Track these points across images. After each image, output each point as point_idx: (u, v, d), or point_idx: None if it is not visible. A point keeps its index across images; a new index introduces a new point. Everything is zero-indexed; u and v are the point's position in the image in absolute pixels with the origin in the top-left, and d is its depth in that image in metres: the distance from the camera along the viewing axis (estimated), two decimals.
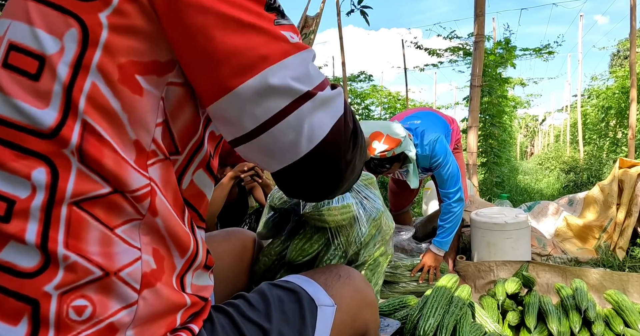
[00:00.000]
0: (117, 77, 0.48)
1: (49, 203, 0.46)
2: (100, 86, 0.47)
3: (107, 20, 0.47)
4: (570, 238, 2.82)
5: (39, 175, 0.46)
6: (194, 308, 0.57)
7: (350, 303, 0.74)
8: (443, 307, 1.50)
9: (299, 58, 0.52)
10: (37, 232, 0.45)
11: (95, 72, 0.47)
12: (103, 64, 0.47)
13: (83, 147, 0.46)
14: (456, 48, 6.74)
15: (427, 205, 3.66)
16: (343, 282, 0.75)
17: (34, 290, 0.45)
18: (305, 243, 0.97)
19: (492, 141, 5.33)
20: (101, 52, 0.47)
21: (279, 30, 0.51)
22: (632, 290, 1.89)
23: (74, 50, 0.47)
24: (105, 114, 0.48)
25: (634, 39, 4.33)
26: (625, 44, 9.12)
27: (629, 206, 2.52)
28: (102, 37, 0.47)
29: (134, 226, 0.50)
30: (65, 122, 0.46)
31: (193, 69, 0.51)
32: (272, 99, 0.50)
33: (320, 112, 0.53)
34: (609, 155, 7.56)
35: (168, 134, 0.54)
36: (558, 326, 1.55)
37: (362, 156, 0.63)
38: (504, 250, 2.30)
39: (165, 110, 0.52)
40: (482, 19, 3.94)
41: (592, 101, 9.67)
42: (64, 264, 0.46)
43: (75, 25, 0.47)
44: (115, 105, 0.48)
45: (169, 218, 0.52)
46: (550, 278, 2.06)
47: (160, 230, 0.52)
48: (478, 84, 4.01)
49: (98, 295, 0.47)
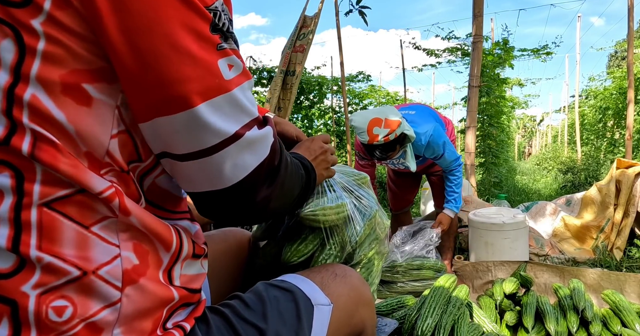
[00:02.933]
0: (60, 88, 0.45)
1: (17, 206, 0.45)
2: (41, 98, 0.45)
3: (42, 28, 0.44)
4: (567, 238, 2.82)
5: (3, 179, 0.45)
6: (182, 300, 0.56)
7: (347, 301, 0.73)
8: (441, 307, 1.50)
9: (231, 97, 0.52)
10: (8, 236, 0.44)
11: (34, 83, 0.44)
12: (43, 74, 0.45)
13: (35, 155, 0.45)
14: (454, 48, 6.75)
15: (425, 205, 3.66)
16: (339, 281, 0.75)
17: (11, 290, 0.45)
18: (300, 244, 0.97)
19: (490, 141, 5.33)
20: (40, 61, 0.44)
21: (217, 62, 0.50)
22: (630, 290, 1.89)
23: (11, 61, 0.44)
24: (51, 124, 0.45)
25: (632, 40, 4.34)
26: (622, 45, 9.14)
27: (627, 207, 2.52)
28: (39, 46, 0.44)
29: (110, 223, 0.49)
30: (15, 132, 0.44)
31: (125, 84, 0.48)
32: (201, 135, 0.51)
33: (246, 154, 0.54)
34: (607, 155, 7.58)
35: (131, 143, 0.52)
36: (556, 326, 1.55)
37: (284, 190, 0.65)
38: (501, 250, 2.30)
39: (123, 119, 0.50)
40: (480, 20, 3.94)
41: (590, 101, 9.70)
42: (40, 265, 0.45)
43: (10, 35, 0.44)
44: (59, 117, 0.45)
45: (142, 215, 0.51)
46: (548, 278, 2.06)
47: (137, 227, 0.51)
48: (476, 84, 4.02)
49: (78, 295, 0.46)
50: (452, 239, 2.57)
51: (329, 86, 8.07)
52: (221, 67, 0.50)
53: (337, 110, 8.64)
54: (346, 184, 1.02)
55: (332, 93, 8.45)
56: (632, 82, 4.37)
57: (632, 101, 4.44)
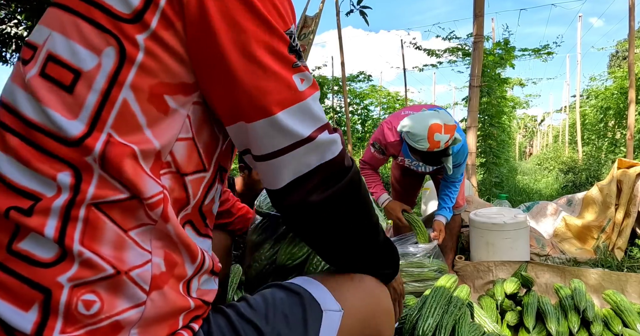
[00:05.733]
0: (147, 96, 0.52)
1: (70, 203, 0.49)
2: (130, 102, 0.51)
3: (144, 43, 0.51)
4: (568, 238, 2.82)
5: (64, 178, 0.49)
6: (196, 311, 0.58)
7: (361, 309, 0.69)
8: (442, 307, 1.50)
9: (305, 105, 0.58)
10: (56, 228, 0.48)
11: (128, 89, 0.51)
12: (136, 83, 0.51)
13: (105, 156, 0.49)
14: (455, 49, 6.75)
15: (426, 205, 3.66)
16: (355, 286, 0.71)
17: (48, 279, 0.48)
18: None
19: (491, 141, 5.33)
20: (136, 71, 0.51)
21: (292, 77, 0.57)
22: (631, 290, 1.89)
23: (110, 67, 0.50)
24: (130, 127, 0.51)
25: (633, 39, 4.34)
26: (624, 45, 9.13)
27: (628, 207, 2.52)
28: (138, 58, 0.51)
29: (146, 231, 0.53)
30: (91, 134, 0.50)
31: (213, 95, 0.56)
32: (277, 138, 0.57)
33: (312, 155, 0.59)
34: (608, 155, 7.57)
35: (195, 151, 0.58)
36: (557, 327, 1.55)
37: (344, 201, 0.64)
38: (502, 250, 2.30)
39: (191, 127, 0.57)
40: (481, 20, 3.94)
41: (591, 101, 9.68)
42: (79, 260, 0.48)
43: (113, 44, 0.50)
44: (141, 120, 0.52)
45: (177, 225, 0.55)
46: (549, 278, 2.06)
47: (171, 236, 0.54)
48: (477, 84, 4.01)
49: (108, 292, 0.49)
50: (453, 240, 2.56)
51: (329, 85, 8.07)
52: (296, 81, 0.58)
53: (338, 110, 8.64)
54: None
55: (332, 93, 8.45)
56: (633, 82, 4.37)
57: (634, 100, 4.44)
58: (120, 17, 0.51)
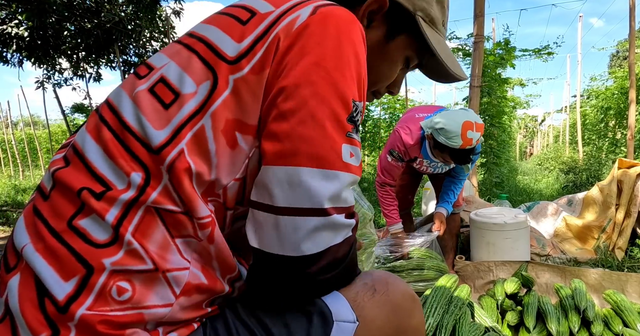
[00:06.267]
0: (222, 128, 0.57)
1: (134, 200, 0.54)
2: (206, 129, 0.57)
3: (234, 83, 0.57)
4: (569, 238, 2.82)
5: (136, 177, 0.55)
6: (206, 316, 0.61)
7: (384, 325, 0.64)
8: (442, 307, 1.51)
9: (339, 177, 0.57)
10: (116, 216, 0.54)
11: (208, 117, 0.57)
12: (216, 114, 0.57)
13: (173, 167, 0.55)
14: (455, 49, 6.74)
15: (426, 205, 3.66)
16: (378, 299, 0.64)
17: (95, 258, 0.52)
18: None
19: (491, 142, 5.33)
20: (219, 104, 0.57)
21: (341, 144, 0.57)
22: (631, 290, 1.89)
23: (202, 97, 0.57)
24: (200, 150, 0.57)
25: (633, 39, 4.34)
26: (624, 45, 9.13)
27: (628, 207, 2.52)
28: (224, 94, 0.57)
29: (190, 242, 0.57)
30: (169, 144, 0.56)
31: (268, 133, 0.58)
32: (293, 193, 0.55)
33: (326, 233, 0.57)
34: (608, 155, 7.56)
35: (242, 190, 0.61)
36: (557, 326, 1.55)
37: (339, 281, 0.64)
38: (503, 250, 2.30)
39: (247, 168, 0.60)
40: (481, 20, 3.94)
41: (591, 101, 9.67)
42: (126, 248, 0.53)
43: (211, 79, 0.58)
44: (211, 147, 0.57)
45: (222, 248, 0.59)
46: (549, 278, 2.06)
47: (211, 255, 0.59)
48: (477, 84, 4.01)
49: (142, 285, 0.53)
50: (454, 239, 2.57)
51: None
52: (344, 150, 0.58)
53: None
54: None
55: None
56: (634, 82, 4.36)
57: (634, 101, 4.44)
58: (224, 58, 0.58)
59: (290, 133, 0.56)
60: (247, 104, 0.58)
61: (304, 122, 0.56)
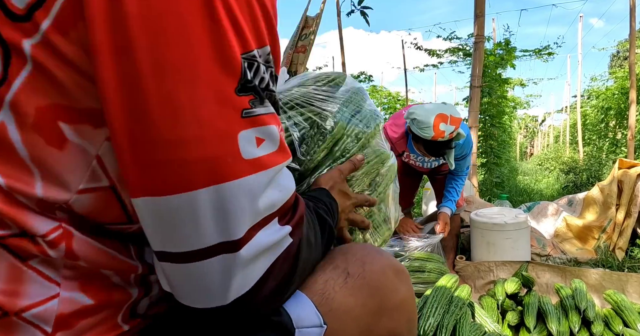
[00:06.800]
0: (31, 122, 0.38)
1: None
2: (9, 128, 0.38)
3: (32, 51, 0.37)
4: (569, 238, 2.82)
5: None
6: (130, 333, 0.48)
7: (361, 314, 0.53)
8: (443, 307, 1.51)
9: (242, 186, 0.39)
10: None
11: (7, 109, 0.38)
12: (18, 102, 0.37)
13: None
14: (456, 49, 6.75)
15: (426, 205, 3.66)
16: (352, 284, 0.54)
17: None
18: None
19: (491, 142, 5.34)
20: (19, 86, 0.37)
21: (236, 136, 0.38)
22: (632, 290, 1.89)
23: None
24: (7, 160, 0.38)
25: (634, 40, 4.35)
26: (624, 45, 9.13)
27: (628, 207, 2.52)
28: (23, 71, 0.37)
29: (51, 260, 0.41)
30: None
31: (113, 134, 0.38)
32: (193, 231, 0.39)
33: (250, 264, 0.42)
34: (609, 156, 7.57)
35: (116, 204, 0.42)
36: (557, 326, 1.55)
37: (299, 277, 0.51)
38: (503, 250, 2.30)
39: (108, 172, 0.41)
40: (482, 20, 3.94)
41: (592, 101, 9.68)
42: None
43: None
44: (22, 154, 0.38)
45: (95, 258, 0.43)
46: (549, 278, 2.07)
47: (88, 267, 0.43)
48: (478, 84, 4.02)
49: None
50: (454, 240, 2.57)
51: None
52: (242, 140, 0.39)
53: None
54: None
55: None
56: (634, 82, 4.37)
57: (635, 101, 4.44)
58: (11, 15, 0.37)
59: (153, 135, 0.37)
60: (68, 79, 0.38)
61: (181, 125, 0.37)
